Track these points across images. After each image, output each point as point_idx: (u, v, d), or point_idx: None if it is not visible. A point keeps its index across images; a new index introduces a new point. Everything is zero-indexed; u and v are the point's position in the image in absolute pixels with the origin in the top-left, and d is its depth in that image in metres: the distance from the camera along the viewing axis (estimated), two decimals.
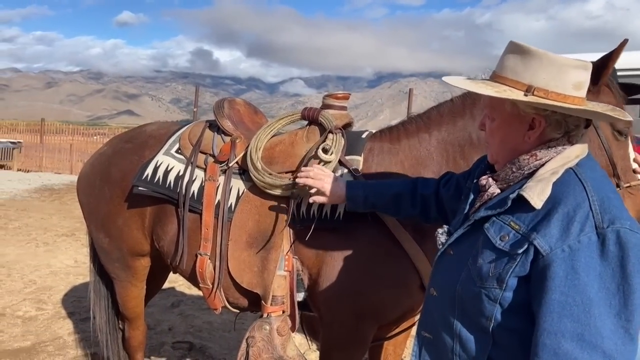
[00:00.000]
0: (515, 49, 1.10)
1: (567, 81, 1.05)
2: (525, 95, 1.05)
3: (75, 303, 4.31)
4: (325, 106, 2.02)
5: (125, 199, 2.24)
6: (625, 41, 1.40)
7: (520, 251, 1.01)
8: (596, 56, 1.48)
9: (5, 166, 15.16)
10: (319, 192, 1.72)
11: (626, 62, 3.15)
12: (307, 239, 1.85)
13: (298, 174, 1.79)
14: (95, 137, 20.43)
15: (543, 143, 1.09)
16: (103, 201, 2.32)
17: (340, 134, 1.92)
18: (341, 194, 1.68)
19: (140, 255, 2.35)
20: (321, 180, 1.71)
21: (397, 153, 1.92)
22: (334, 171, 1.86)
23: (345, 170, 1.88)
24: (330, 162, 1.86)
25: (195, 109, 11.48)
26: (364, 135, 2.00)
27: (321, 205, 1.84)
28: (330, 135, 1.91)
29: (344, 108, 2.04)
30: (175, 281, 4.70)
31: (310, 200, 1.76)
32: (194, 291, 4.67)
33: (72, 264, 5.50)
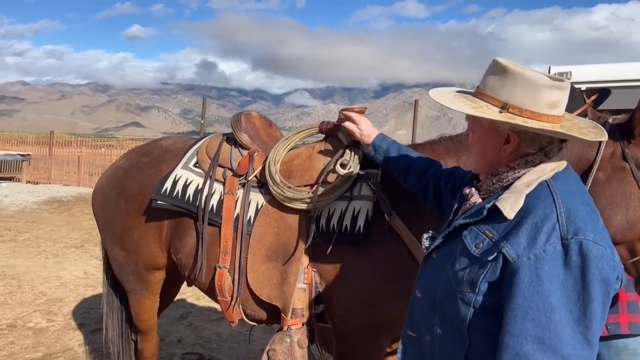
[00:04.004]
0: (495, 66, 1.14)
1: (541, 100, 1.09)
2: (500, 112, 1.10)
3: (85, 314, 4.33)
4: (342, 120, 2.04)
5: (142, 213, 2.26)
6: None
7: (490, 258, 1.06)
8: (602, 67, 1.43)
9: (15, 178, 15.27)
10: (354, 128, 1.87)
11: (632, 72, 3.15)
12: (326, 252, 1.85)
13: (343, 112, 1.90)
14: (102, 149, 20.58)
15: (520, 157, 1.14)
16: (119, 214, 2.34)
17: (358, 148, 1.94)
18: (370, 137, 1.82)
19: (156, 268, 2.36)
20: (359, 123, 1.87)
21: None
22: (352, 185, 1.89)
23: (364, 184, 1.88)
24: (349, 176, 1.87)
25: (202, 121, 11.56)
26: None
27: (341, 219, 1.86)
28: (347, 150, 1.93)
29: None
30: (184, 293, 4.70)
31: (346, 125, 1.87)
32: (203, 302, 4.67)
33: (82, 275, 5.52)
